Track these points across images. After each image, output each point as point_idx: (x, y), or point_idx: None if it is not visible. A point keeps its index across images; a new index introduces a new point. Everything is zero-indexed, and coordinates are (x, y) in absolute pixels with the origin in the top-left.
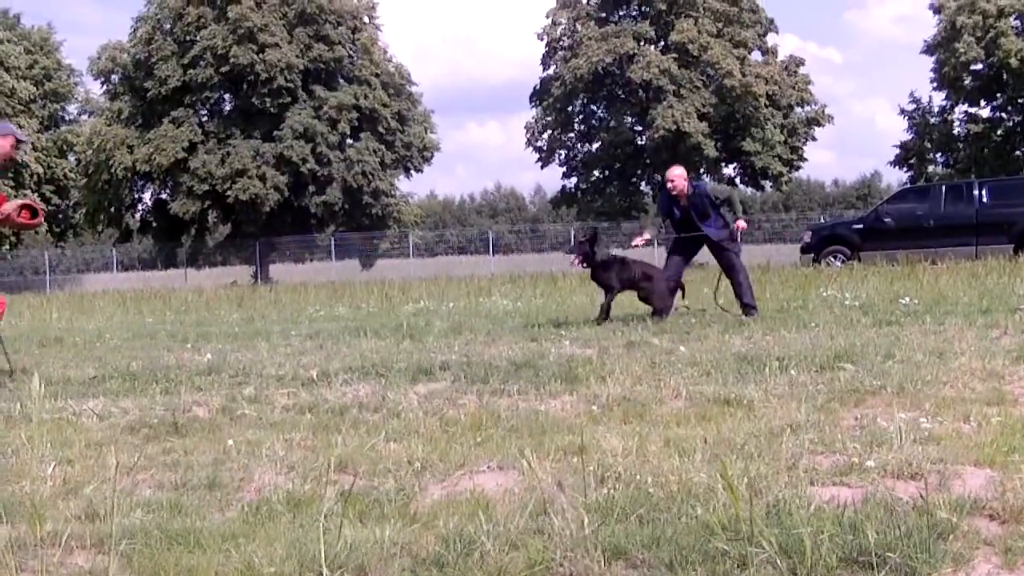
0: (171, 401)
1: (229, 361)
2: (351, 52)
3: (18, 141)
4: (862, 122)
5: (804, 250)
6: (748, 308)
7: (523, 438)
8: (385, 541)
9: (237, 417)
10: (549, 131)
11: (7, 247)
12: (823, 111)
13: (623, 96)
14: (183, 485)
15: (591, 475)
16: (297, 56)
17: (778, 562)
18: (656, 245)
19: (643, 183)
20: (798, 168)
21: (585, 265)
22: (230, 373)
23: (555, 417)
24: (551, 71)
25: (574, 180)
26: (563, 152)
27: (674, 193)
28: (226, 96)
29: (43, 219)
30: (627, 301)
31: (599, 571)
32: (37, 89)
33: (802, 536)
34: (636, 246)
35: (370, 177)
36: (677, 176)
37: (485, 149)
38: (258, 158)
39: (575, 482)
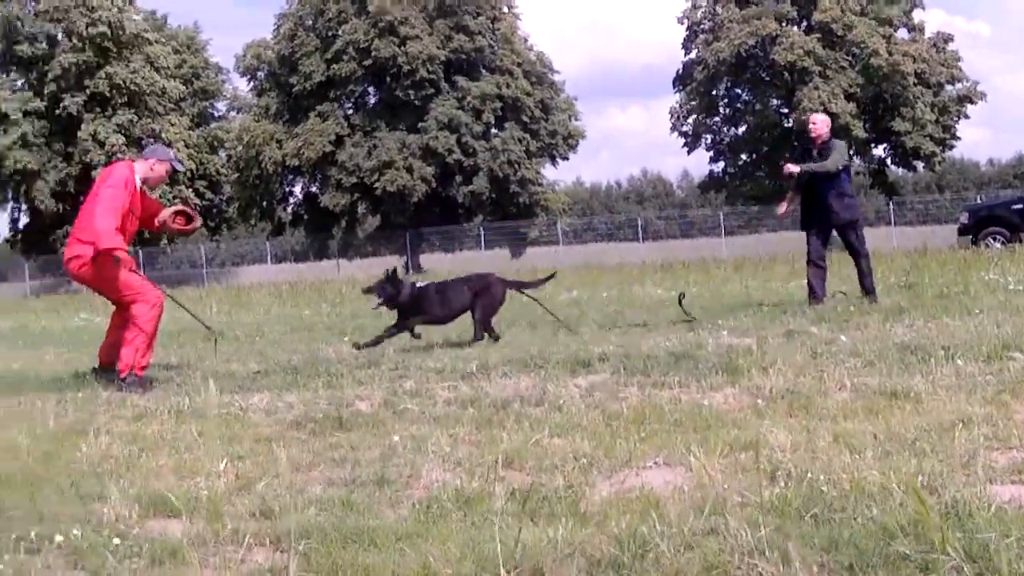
0: (334, 395)
1: (388, 354)
2: (492, 42)
3: (175, 169)
4: (1015, 98)
5: (962, 232)
6: (869, 293)
7: (688, 433)
8: (559, 541)
9: (400, 411)
10: (694, 115)
11: (164, 241)
12: (975, 88)
13: (767, 78)
14: (352, 482)
15: (760, 472)
16: (438, 47)
17: (965, 569)
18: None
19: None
20: (951, 147)
21: (391, 307)
22: (389, 366)
23: (718, 410)
24: (693, 55)
25: (721, 164)
26: (709, 136)
27: (812, 135)
28: (370, 89)
29: (199, 224)
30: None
31: (778, 575)
32: (186, 88)
33: (987, 541)
34: (782, 214)
35: (516, 166)
36: (821, 121)
37: (628, 135)
38: (404, 150)
39: (746, 480)
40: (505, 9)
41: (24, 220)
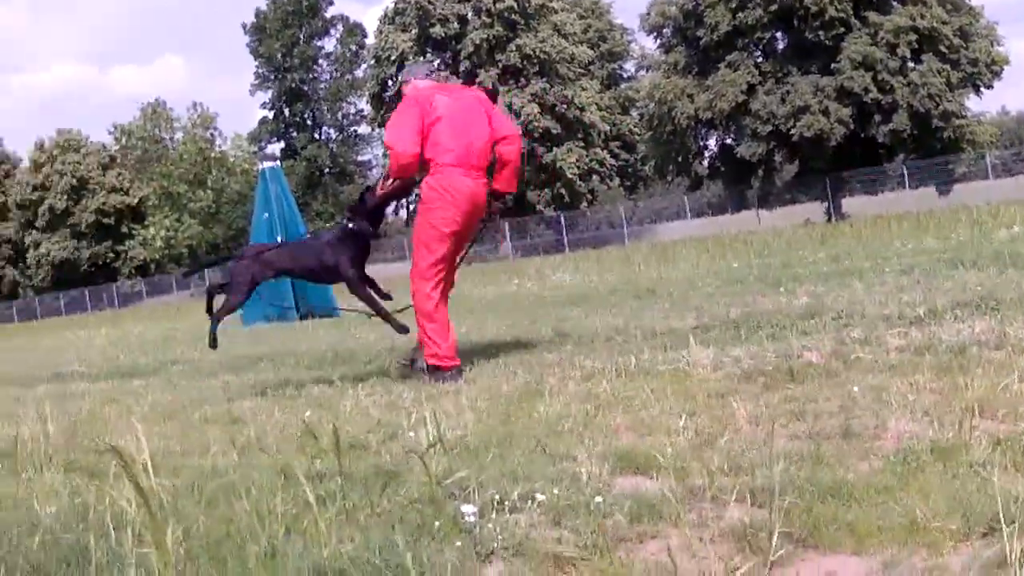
0: (780, 347)
1: (827, 303)
2: None
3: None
4: None
5: None
6: None
7: None
8: None
9: (851, 361)
10: None
11: (584, 204)
12: None
13: None
14: (817, 435)
15: None
16: None
17: None
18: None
19: None
20: None
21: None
22: (832, 315)
23: None
24: None
25: None
26: None
27: None
28: (778, 34)
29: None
30: None
31: None
32: (594, 52)
33: None
34: None
35: (937, 100)
36: None
37: None
38: (819, 93)
39: None
40: None
41: None
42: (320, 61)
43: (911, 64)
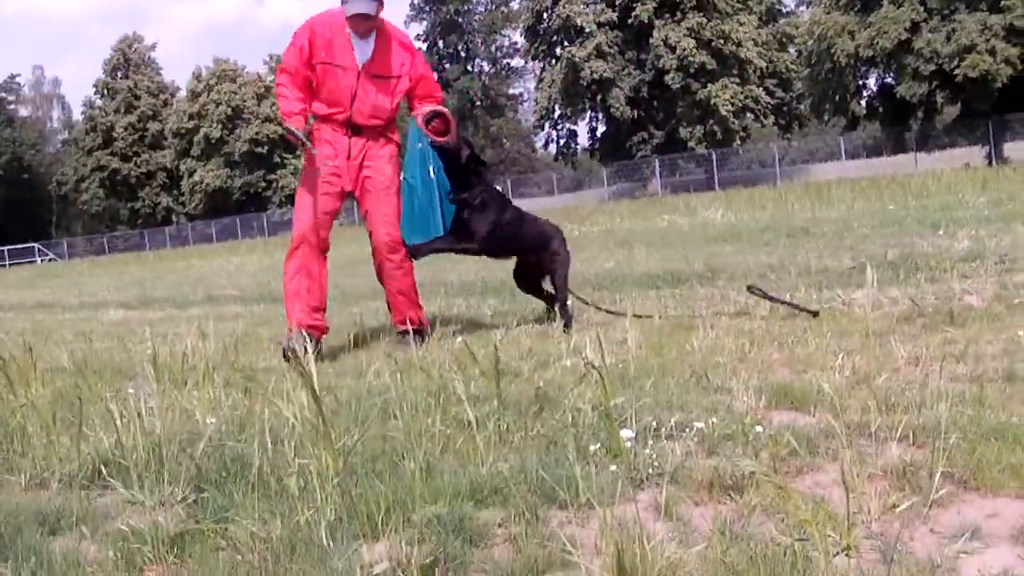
0: (939, 289)
1: (989, 247)
2: None
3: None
4: None
5: None
6: None
7: None
8: None
9: (1014, 306)
10: None
11: (737, 142)
12: None
13: None
14: (979, 377)
15: None
16: None
17: None
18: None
19: None
20: None
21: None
22: (994, 259)
23: None
24: None
25: None
26: None
27: None
28: None
29: (451, 139)
30: None
31: None
32: None
33: None
34: None
35: None
36: None
37: None
38: (986, 31)
39: None
40: None
41: (601, 128)
42: None
43: None
